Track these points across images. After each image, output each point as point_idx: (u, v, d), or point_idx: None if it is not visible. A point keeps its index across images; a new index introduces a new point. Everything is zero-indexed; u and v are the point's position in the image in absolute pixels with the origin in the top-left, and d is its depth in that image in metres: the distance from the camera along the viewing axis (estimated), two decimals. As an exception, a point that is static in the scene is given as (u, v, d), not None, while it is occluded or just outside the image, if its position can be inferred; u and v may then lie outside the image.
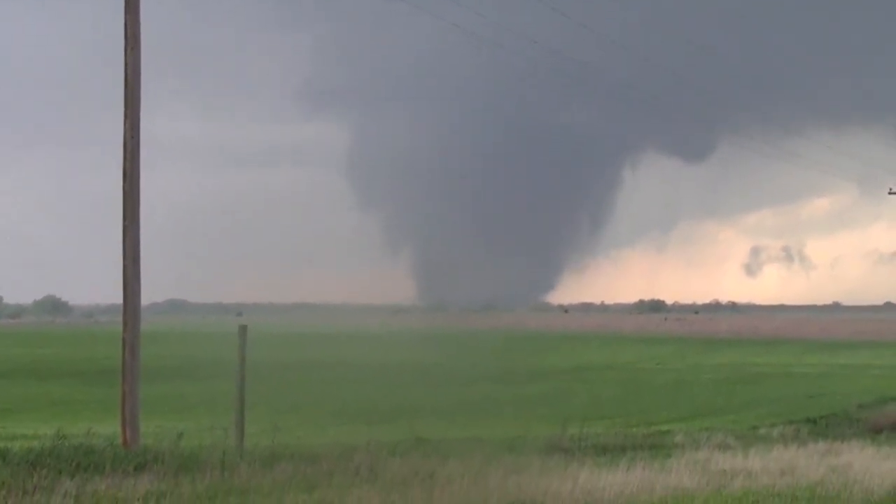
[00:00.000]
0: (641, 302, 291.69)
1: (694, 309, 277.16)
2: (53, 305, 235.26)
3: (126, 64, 16.26)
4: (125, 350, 15.92)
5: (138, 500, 11.51)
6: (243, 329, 16.26)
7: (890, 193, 58.10)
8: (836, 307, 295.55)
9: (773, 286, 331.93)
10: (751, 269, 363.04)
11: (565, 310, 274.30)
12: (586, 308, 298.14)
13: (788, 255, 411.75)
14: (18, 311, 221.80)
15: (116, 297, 16.67)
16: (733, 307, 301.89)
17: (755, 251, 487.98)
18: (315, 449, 16.39)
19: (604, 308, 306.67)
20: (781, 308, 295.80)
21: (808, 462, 17.79)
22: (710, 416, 34.06)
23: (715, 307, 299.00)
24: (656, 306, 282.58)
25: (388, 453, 15.66)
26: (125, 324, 16.03)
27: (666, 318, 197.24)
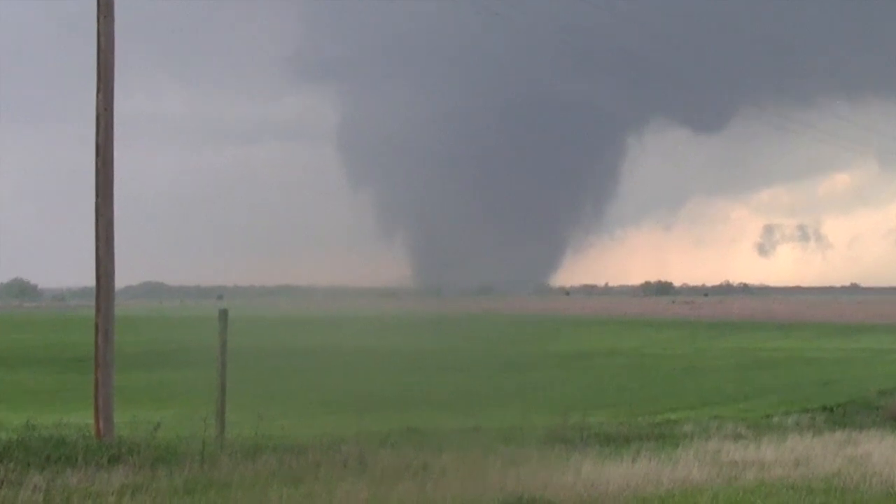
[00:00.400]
0: (648, 284, 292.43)
1: (703, 291, 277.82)
2: (21, 289, 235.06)
3: (98, 33, 16.19)
4: (98, 336, 15.91)
5: (112, 494, 11.51)
6: (224, 313, 16.25)
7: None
8: (854, 289, 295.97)
9: (787, 267, 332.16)
10: (764, 249, 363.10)
11: (567, 292, 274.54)
12: (589, 290, 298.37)
13: (804, 234, 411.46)
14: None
15: (89, 280, 16.66)
16: (745, 289, 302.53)
17: (768, 230, 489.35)
18: (301, 440, 16.42)
19: (607, 290, 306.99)
20: (796, 290, 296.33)
21: (825, 452, 17.84)
22: (720, 404, 34.11)
23: (726, 289, 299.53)
24: (663, 288, 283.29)
25: (378, 444, 15.69)
26: (98, 308, 16.02)
27: (674, 301, 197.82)
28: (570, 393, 36.43)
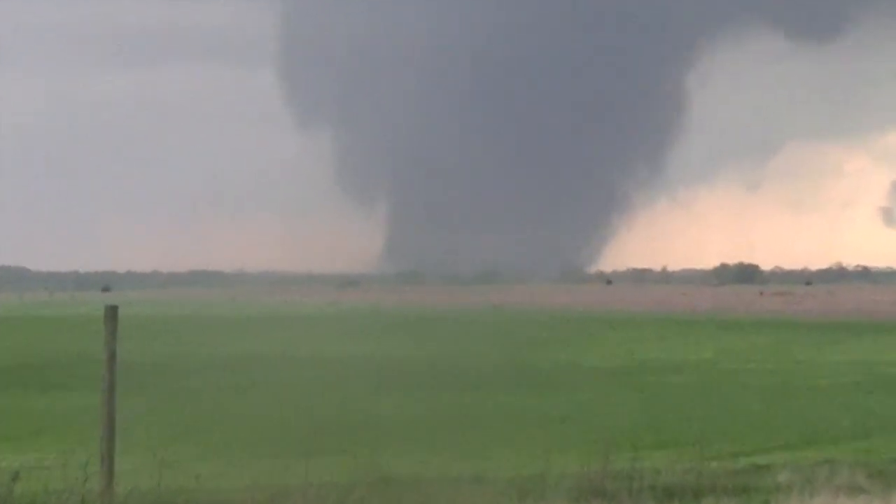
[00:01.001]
0: (724, 267, 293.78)
1: (805, 277, 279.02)
2: None
3: None
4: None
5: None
6: (112, 311, 16.20)
7: None
8: None
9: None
10: (891, 217, 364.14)
11: (608, 280, 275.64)
12: (639, 277, 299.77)
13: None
14: None
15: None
16: (865, 274, 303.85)
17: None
18: (225, 494, 16.41)
19: (666, 277, 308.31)
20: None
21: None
22: (830, 442, 34.25)
23: (837, 274, 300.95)
24: (747, 274, 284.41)
25: (337, 499, 15.68)
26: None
27: (762, 293, 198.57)
28: (614, 424, 36.53)
